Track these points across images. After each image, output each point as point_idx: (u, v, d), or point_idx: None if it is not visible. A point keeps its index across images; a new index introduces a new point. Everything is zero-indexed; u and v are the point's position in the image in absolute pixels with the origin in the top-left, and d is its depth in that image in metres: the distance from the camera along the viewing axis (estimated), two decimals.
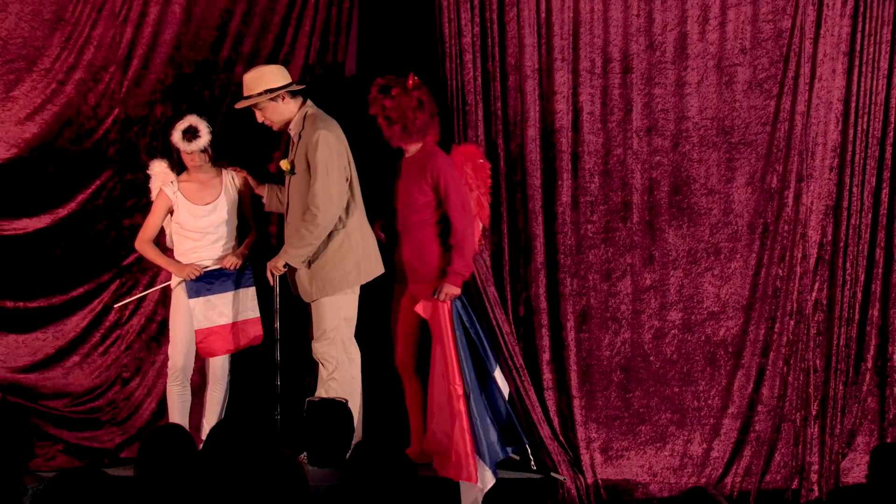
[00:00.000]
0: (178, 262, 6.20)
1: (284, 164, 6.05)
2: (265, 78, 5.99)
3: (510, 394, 6.32)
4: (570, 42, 6.41)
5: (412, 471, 3.59)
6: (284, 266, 6.05)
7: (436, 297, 6.08)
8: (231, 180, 6.28)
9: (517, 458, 6.35)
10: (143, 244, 6.25)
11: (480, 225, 6.30)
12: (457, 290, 6.10)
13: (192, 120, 6.12)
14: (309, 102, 6.07)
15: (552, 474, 6.28)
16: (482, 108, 6.38)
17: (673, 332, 6.50)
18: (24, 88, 6.36)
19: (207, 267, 6.18)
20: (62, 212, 6.41)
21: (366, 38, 6.69)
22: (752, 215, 6.50)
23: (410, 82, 6.14)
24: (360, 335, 6.27)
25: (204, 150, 6.14)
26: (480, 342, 6.18)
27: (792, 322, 6.50)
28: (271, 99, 5.98)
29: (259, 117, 6.06)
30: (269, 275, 6.09)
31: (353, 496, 3.53)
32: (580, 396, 6.45)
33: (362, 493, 3.52)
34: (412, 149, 6.21)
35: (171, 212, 6.23)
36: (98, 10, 6.35)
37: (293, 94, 6.03)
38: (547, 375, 6.44)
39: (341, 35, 6.45)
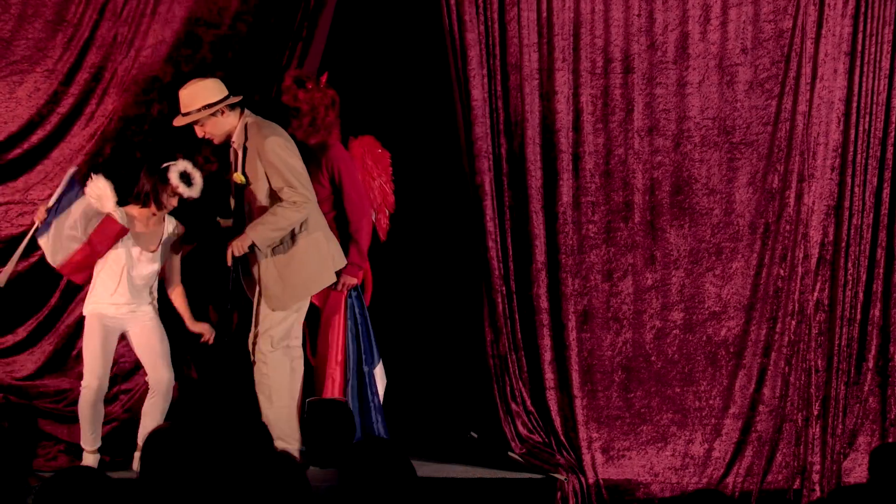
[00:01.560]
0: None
1: (238, 178, 5.90)
2: (202, 93, 5.85)
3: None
4: (571, 42, 6.41)
5: (411, 470, 3.59)
6: (250, 248, 5.82)
7: (335, 287, 6.13)
8: (174, 229, 6.03)
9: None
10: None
11: (387, 211, 6.42)
12: (354, 281, 6.18)
13: (187, 166, 5.92)
14: (247, 112, 5.94)
15: (552, 474, 6.28)
16: (486, 107, 6.38)
17: (674, 332, 6.50)
18: (27, 89, 6.36)
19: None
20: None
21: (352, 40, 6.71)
22: (753, 215, 6.50)
23: (324, 80, 6.19)
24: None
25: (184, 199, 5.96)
26: (366, 336, 6.24)
27: (793, 322, 6.50)
28: (211, 114, 5.84)
29: (199, 132, 5.91)
30: (229, 255, 5.81)
31: (351, 496, 3.53)
32: (581, 396, 6.45)
33: (361, 494, 3.52)
34: (313, 143, 6.21)
35: None
36: (100, 10, 6.35)
37: (231, 106, 5.90)
38: (549, 375, 6.44)
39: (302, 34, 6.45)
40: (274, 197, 5.83)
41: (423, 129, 6.96)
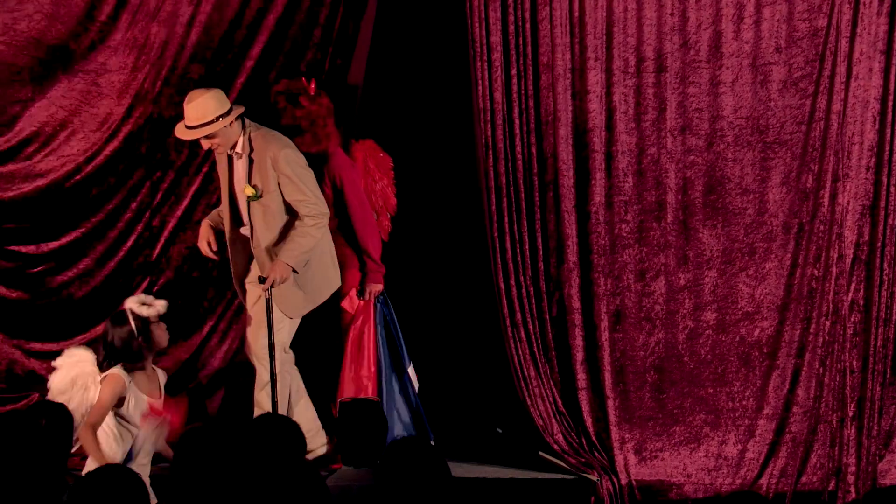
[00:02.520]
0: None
1: (249, 190, 5.87)
2: (212, 104, 5.79)
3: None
4: (604, 41, 6.39)
5: (446, 470, 3.59)
6: (288, 278, 5.84)
7: (361, 297, 6.25)
8: (162, 377, 5.67)
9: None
10: (88, 430, 5.28)
11: (389, 213, 6.46)
12: (380, 287, 6.28)
13: (134, 302, 5.54)
14: (248, 121, 5.94)
15: (585, 475, 6.27)
16: (516, 107, 6.37)
17: (707, 332, 6.47)
18: (60, 89, 6.41)
19: None
20: (100, 216, 6.46)
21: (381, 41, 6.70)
22: (787, 215, 6.46)
23: (313, 89, 6.16)
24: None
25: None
26: (398, 338, 6.32)
27: (828, 323, 6.46)
28: (224, 125, 5.80)
29: (206, 144, 5.87)
30: (268, 285, 5.79)
31: (386, 496, 3.53)
32: (614, 397, 6.43)
33: (396, 493, 3.52)
34: (314, 151, 6.23)
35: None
36: (134, 11, 6.39)
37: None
38: (581, 376, 6.42)
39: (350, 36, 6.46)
40: (289, 206, 5.89)
41: (444, 131, 6.98)
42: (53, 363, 5.54)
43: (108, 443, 5.40)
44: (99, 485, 3.47)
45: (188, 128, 5.84)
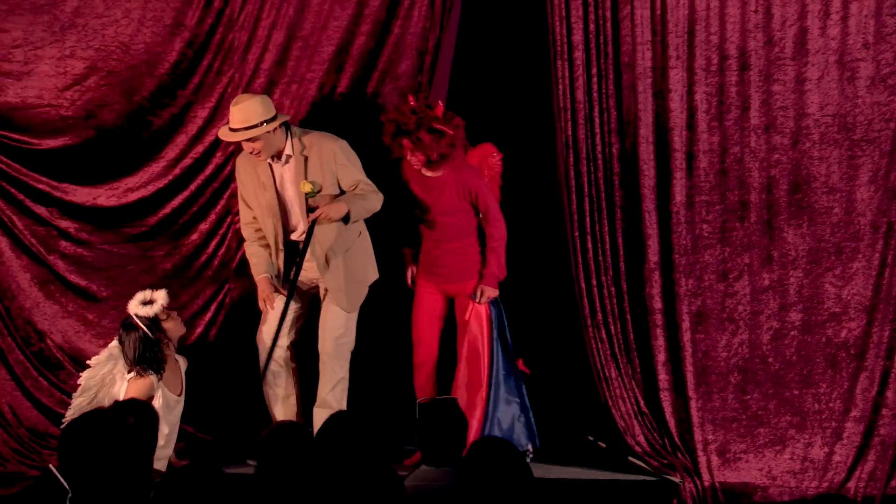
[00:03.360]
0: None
1: (306, 186, 5.89)
2: (260, 109, 5.84)
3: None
4: (686, 39, 6.34)
5: (528, 471, 3.59)
6: (336, 219, 5.89)
7: (475, 300, 6.26)
8: (183, 364, 5.77)
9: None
10: None
11: None
12: (496, 292, 6.30)
13: (136, 304, 5.61)
14: (290, 125, 6.03)
15: (668, 477, 6.22)
16: (596, 107, 6.35)
17: (792, 333, 6.38)
18: (144, 93, 6.52)
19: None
20: (176, 227, 6.57)
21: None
22: (875, 214, 6.35)
23: (441, 111, 6.11)
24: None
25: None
26: (509, 342, 6.35)
27: None
28: (269, 130, 5.84)
29: (248, 147, 5.91)
30: (316, 214, 5.84)
31: (467, 496, 3.53)
32: (696, 398, 6.38)
33: (477, 494, 3.52)
34: (438, 170, 6.22)
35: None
36: (216, 15, 6.48)
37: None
38: (662, 376, 6.38)
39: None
40: None
41: (524, 130, 7.00)
42: (88, 361, 5.71)
43: None
44: (184, 483, 3.52)
45: (232, 130, 5.91)
